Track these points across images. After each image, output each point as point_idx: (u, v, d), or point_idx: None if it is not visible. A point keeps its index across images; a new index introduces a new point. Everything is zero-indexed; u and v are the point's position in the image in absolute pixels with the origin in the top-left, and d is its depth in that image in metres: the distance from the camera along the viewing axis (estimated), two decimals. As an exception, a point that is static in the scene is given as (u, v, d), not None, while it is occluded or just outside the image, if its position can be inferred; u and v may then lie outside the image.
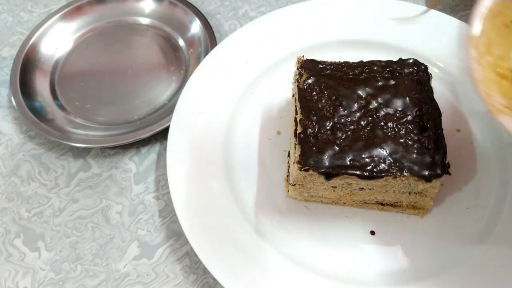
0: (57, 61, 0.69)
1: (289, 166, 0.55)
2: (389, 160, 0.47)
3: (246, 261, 0.49)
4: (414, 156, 0.47)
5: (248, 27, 0.64)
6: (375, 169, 0.46)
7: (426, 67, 0.52)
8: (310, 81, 0.52)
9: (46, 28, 0.70)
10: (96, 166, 0.60)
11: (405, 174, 0.46)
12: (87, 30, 0.72)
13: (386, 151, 0.47)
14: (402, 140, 0.48)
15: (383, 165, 0.47)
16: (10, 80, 0.64)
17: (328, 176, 0.47)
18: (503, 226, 0.51)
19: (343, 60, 0.54)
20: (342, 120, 0.49)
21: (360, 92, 0.51)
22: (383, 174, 0.46)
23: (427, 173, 0.46)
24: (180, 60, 0.68)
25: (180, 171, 0.54)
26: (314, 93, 0.51)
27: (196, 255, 0.51)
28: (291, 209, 0.54)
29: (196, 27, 0.69)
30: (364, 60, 0.54)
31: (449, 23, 0.64)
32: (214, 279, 0.51)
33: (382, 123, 0.49)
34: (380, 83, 0.51)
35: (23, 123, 0.64)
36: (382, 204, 0.53)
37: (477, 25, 0.36)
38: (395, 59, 0.54)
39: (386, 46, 0.63)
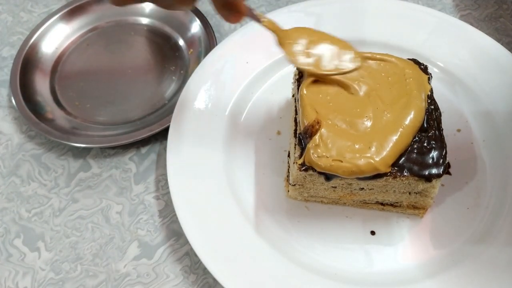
0: (57, 61, 0.69)
1: (289, 166, 0.55)
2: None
3: (246, 261, 0.49)
4: (414, 156, 0.47)
5: (248, 27, 0.64)
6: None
7: (426, 67, 0.52)
8: (310, 81, 0.52)
9: (46, 28, 0.70)
10: (96, 166, 0.60)
11: (405, 174, 0.46)
12: (87, 30, 0.72)
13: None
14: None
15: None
16: (10, 80, 0.64)
17: (328, 176, 0.47)
18: (503, 226, 0.51)
19: (343, 60, 0.54)
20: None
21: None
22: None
23: (427, 173, 0.46)
24: (180, 60, 0.68)
25: (180, 171, 0.54)
26: (314, 93, 0.51)
27: (196, 255, 0.51)
28: (291, 209, 0.54)
29: (196, 27, 0.69)
30: (364, 60, 0.54)
31: (449, 23, 0.64)
32: (214, 279, 0.51)
33: (382, 123, 0.49)
34: (380, 83, 0.51)
35: (23, 123, 0.64)
36: (382, 204, 0.53)
37: None
38: (395, 59, 0.54)
39: (386, 46, 0.63)
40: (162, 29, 0.71)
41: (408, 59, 0.53)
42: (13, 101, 0.62)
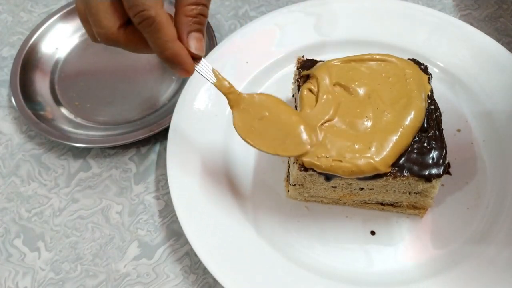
0: (57, 61, 0.69)
1: (289, 166, 0.55)
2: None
3: (246, 261, 0.49)
4: (414, 156, 0.47)
5: (248, 27, 0.64)
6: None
7: (426, 67, 0.52)
8: (310, 81, 0.52)
9: (46, 28, 0.69)
10: (96, 166, 0.60)
11: (405, 174, 0.46)
12: (87, 30, 0.72)
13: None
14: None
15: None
16: (10, 80, 0.64)
17: (328, 176, 0.47)
18: (503, 226, 0.51)
19: (343, 60, 0.54)
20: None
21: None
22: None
23: (427, 173, 0.46)
24: (180, 60, 0.68)
25: (180, 171, 0.54)
26: (314, 93, 0.51)
27: (196, 255, 0.51)
28: (291, 209, 0.54)
29: (196, 27, 0.69)
30: (364, 60, 0.54)
31: (449, 23, 0.64)
32: (214, 279, 0.51)
33: (382, 123, 0.49)
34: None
35: (23, 123, 0.64)
36: (382, 204, 0.53)
37: None
38: (395, 59, 0.54)
39: (386, 46, 0.63)
40: (162, 29, 0.71)
41: (408, 59, 0.53)
42: (13, 101, 0.62)
